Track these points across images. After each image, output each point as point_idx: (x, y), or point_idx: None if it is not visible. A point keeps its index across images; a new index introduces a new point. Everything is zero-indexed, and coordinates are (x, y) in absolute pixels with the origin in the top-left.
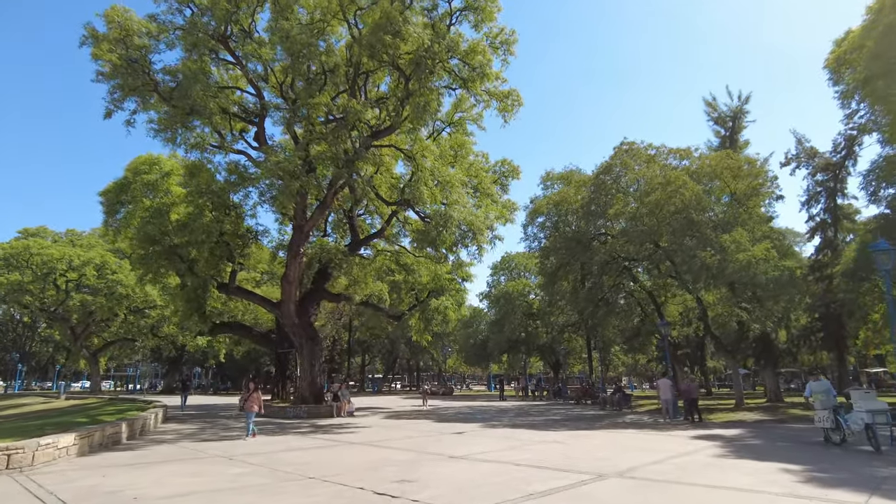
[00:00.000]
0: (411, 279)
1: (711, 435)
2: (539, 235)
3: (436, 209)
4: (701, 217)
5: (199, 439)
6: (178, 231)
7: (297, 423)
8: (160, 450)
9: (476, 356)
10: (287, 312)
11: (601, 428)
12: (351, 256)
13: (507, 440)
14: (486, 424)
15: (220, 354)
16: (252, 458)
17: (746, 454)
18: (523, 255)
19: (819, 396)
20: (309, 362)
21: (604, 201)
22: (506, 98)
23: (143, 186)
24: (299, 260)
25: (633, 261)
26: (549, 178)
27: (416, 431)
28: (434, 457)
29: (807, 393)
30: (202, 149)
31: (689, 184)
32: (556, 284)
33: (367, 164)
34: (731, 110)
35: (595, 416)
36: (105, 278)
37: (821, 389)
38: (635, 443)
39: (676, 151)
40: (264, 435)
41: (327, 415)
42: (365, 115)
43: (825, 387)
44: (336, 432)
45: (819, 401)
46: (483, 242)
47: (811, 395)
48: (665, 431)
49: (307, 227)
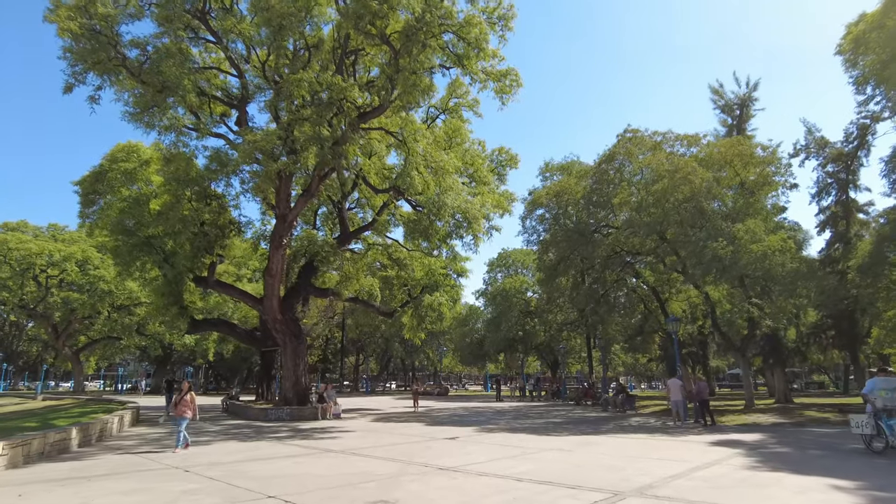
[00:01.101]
0: (404, 274)
1: (731, 441)
2: (538, 228)
3: (428, 198)
4: (711, 206)
5: (161, 446)
6: (154, 221)
7: (277, 426)
8: (109, 460)
9: (472, 356)
10: (270, 308)
11: (607, 432)
12: (340, 250)
13: (505, 447)
14: (482, 428)
15: (208, 353)
16: (211, 471)
17: (780, 465)
18: (520, 251)
19: (883, 394)
20: (293, 361)
21: (607, 191)
22: (503, 77)
23: (120, 175)
24: (282, 252)
25: (637, 255)
26: (548, 169)
27: (404, 437)
28: (422, 469)
29: (866, 389)
30: (177, 131)
31: (698, 170)
32: (555, 280)
33: (354, 146)
34: (739, 98)
35: (598, 418)
36: (88, 274)
37: (891, 386)
38: (649, 451)
39: (684, 138)
40: (236, 441)
41: (311, 417)
42: (352, 94)
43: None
44: (317, 437)
45: (882, 399)
46: (479, 231)
47: (873, 391)
48: (678, 436)
49: (291, 217)
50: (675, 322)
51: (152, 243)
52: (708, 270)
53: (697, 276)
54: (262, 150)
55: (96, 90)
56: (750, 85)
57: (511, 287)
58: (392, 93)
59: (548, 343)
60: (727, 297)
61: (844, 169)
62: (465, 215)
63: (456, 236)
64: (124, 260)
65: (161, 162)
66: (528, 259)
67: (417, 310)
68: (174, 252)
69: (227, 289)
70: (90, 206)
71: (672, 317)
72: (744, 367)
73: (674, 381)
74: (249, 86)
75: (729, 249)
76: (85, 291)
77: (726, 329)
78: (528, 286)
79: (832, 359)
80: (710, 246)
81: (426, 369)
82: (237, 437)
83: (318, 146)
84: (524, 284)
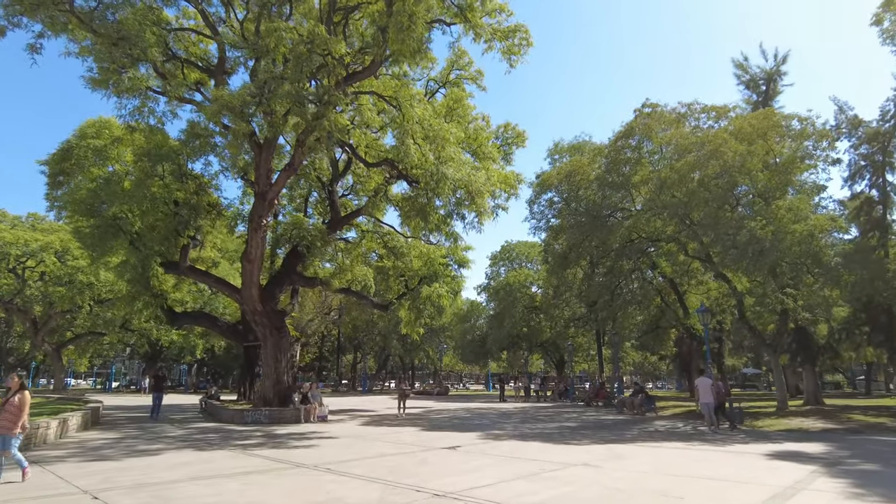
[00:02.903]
0: (401, 265)
1: (791, 453)
2: (547, 213)
3: (426, 170)
4: (746, 181)
5: (94, 457)
6: (118, 198)
7: (251, 430)
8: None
9: (474, 353)
10: (248, 297)
11: (635, 440)
12: (330, 237)
13: (517, 461)
14: (487, 434)
15: (196, 350)
16: (130, 497)
17: (886, 489)
18: (525, 243)
19: None
20: (274, 357)
21: (624, 171)
22: (511, 35)
23: (90, 153)
24: (262, 234)
25: (657, 241)
26: (557, 151)
27: (396, 445)
28: (411, 497)
29: None
30: (141, 95)
31: (730, 143)
32: (566, 270)
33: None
34: (765, 72)
35: (617, 422)
36: (67, 265)
37: None
38: (698, 467)
39: (711, 109)
40: (192, 450)
41: (293, 420)
42: (338, 49)
43: None
44: (291, 446)
45: None
46: (483, 208)
47: None
48: (722, 446)
49: (271, 195)
50: (706, 313)
51: (120, 225)
52: (743, 255)
53: (729, 262)
54: (232, 109)
55: (37, 38)
56: (778, 58)
57: (515, 281)
58: (384, 48)
59: (553, 340)
60: (757, 287)
61: (880, 150)
62: (467, 190)
63: (457, 216)
64: (90, 244)
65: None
66: (533, 252)
67: (415, 302)
68: (142, 234)
69: (201, 275)
70: (58, 189)
71: (703, 307)
72: (775, 364)
73: (704, 381)
74: (227, 49)
75: (769, 230)
76: (64, 284)
77: (755, 323)
78: (533, 280)
79: (865, 357)
80: (747, 225)
81: (426, 368)
82: (196, 445)
83: (295, 103)
84: (529, 278)
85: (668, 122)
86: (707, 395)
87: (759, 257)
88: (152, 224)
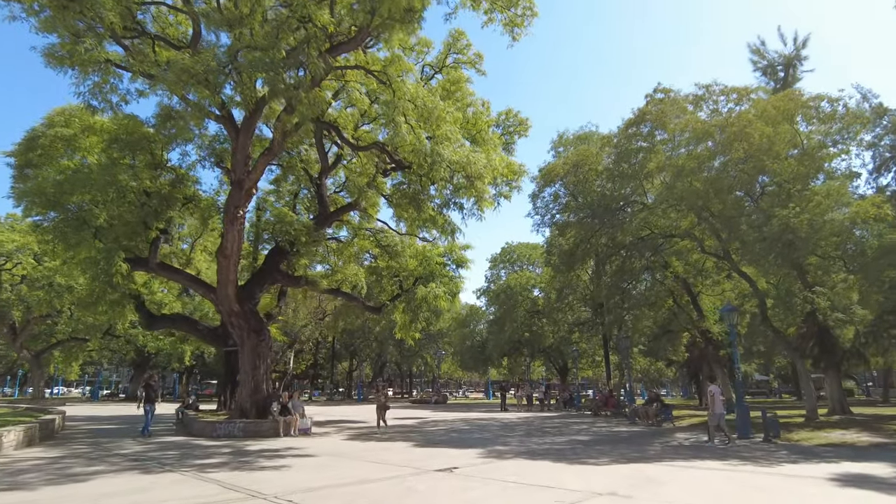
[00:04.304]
0: (395, 264)
1: (855, 476)
2: (552, 208)
3: (418, 150)
4: (775, 166)
5: (4, 486)
6: (80, 187)
7: (219, 446)
8: None
9: (473, 360)
10: (224, 297)
11: (661, 458)
12: (317, 233)
13: (527, 489)
14: (489, 452)
15: (185, 357)
16: None
17: None
18: (526, 245)
19: None
20: (251, 363)
21: (636, 160)
22: (514, 5)
23: (59, 142)
24: (238, 226)
25: (671, 237)
26: (561, 143)
27: (382, 466)
28: None
29: None
30: (101, 69)
31: (756, 124)
32: (572, 269)
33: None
34: (784, 57)
35: (633, 434)
36: (44, 267)
37: None
38: (759, 497)
39: (731, 91)
40: (134, 473)
41: (271, 434)
42: (320, 16)
43: None
44: (256, 466)
45: None
46: (484, 192)
47: None
48: (768, 465)
49: (249, 183)
50: (733, 313)
51: (85, 218)
52: (772, 248)
53: (754, 257)
54: (194, 76)
55: None
56: (798, 42)
57: (516, 284)
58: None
59: (557, 346)
60: (781, 286)
61: None
62: (465, 172)
63: (454, 206)
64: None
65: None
66: (535, 254)
67: (410, 304)
68: (107, 227)
69: (172, 273)
70: (25, 182)
71: (729, 305)
72: (802, 369)
73: (715, 389)
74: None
75: (804, 218)
76: (41, 287)
77: (779, 324)
78: (535, 283)
79: (893, 363)
80: (777, 214)
81: (424, 375)
82: (144, 467)
83: (269, 71)
84: (530, 281)
85: (682, 108)
86: (719, 405)
87: (789, 250)
88: (118, 215)
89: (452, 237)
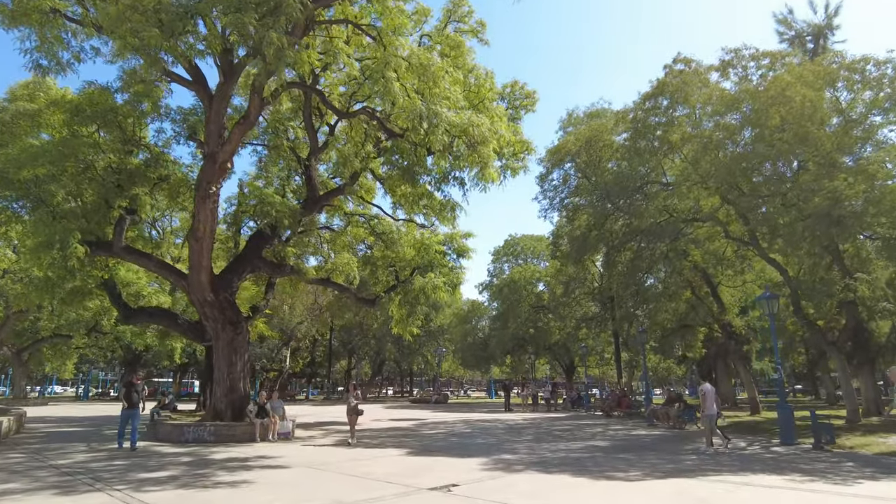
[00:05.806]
0: (391, 254)
1: None
2: (561, 191)
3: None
4: (820, 133)
5: None
6: (34, 161)
7: (180, 453)
8: None
9: (475, 357)
10: (196, 284)
11: (702, 471)
12: (306, 217)
13: None
14: (495, 461)
15: (175, 354)
16: None
17: None
18: (531, 237)
19: None
20: (227, 359)
21: (655, 134)
22: None
23: (21, 118)
24: (212, 205)
25: (694, 220)
26: (571, 122)
27: (360, 483)
28: None
29: None
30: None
31: (796, 86)
32: (584, 255)
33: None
34: (813, 27)
35: (656, 439)
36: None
37: None
38: None
39: (764, 54)
40: (52, 494)
41: (246, 438)
42: None
43: None
44: (211, 483)
45: None
46: (489, 160)
47: None
48: (839, 483)
49: (223, 155)
50: (772, 300)
51: (41, 196)
52: (817, 226)
53: (797, 236)
54: (143, 12)
55: None
56: (829, 10)
57: (520, 278)
58: None
59: (563, 342)
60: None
61: None
62: (467, 135)
63: (454, 181)
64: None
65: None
66: (540, 246)
67: (407, 296)
68: (64, 205)
69: (139, 257)
70: None
71: (768, 292)
72: (842, 367)
73: (709, 388)
74: None
75: (859, 189)
76: (18, 280)
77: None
78: (540, 276)
79: None
80: (826, 186)
81: (425, 373)
82: (68, 485)
83: (235, 11)
84: (535, 275)
85: (704, 80)
86: (712, 406)
87: (838, 229)
88: (77, 193)
89: (452, 215)
